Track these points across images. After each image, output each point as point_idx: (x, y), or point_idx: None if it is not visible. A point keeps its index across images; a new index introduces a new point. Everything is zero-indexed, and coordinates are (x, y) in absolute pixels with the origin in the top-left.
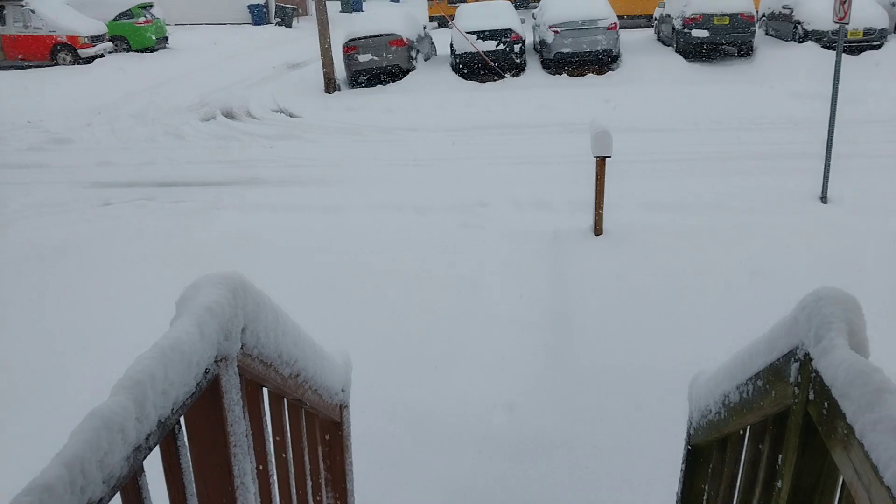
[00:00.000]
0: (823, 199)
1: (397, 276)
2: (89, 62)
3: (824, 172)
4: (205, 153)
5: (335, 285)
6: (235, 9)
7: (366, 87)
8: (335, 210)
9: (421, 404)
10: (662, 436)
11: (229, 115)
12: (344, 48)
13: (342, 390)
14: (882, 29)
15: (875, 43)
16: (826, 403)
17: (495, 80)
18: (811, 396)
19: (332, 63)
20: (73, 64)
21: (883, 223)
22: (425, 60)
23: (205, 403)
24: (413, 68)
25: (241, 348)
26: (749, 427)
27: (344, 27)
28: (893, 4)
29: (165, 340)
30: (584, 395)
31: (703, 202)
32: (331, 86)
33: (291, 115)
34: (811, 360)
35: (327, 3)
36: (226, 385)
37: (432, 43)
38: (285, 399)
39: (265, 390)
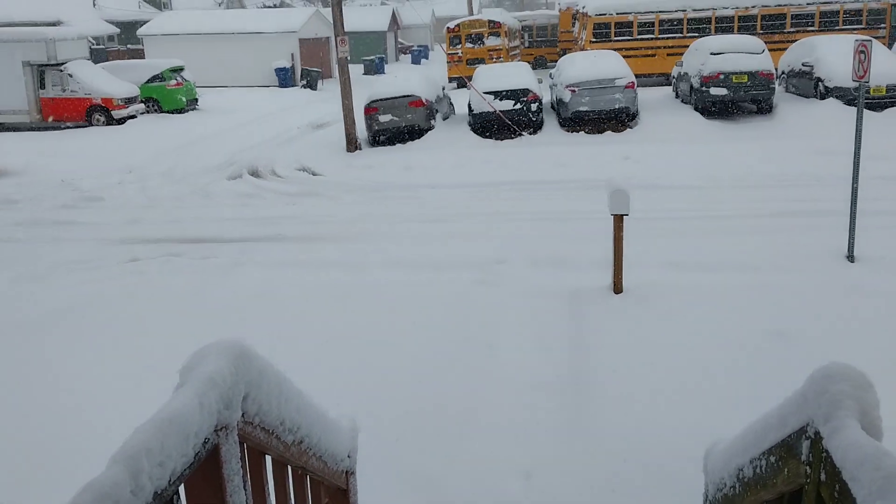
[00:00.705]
0: (850, 257)
1: (413, 334)
2: (122, 123)
3: (850, 230)
4: (230, 211)
5: (350, 343)
6: (263, 72)
7: (386, 146)
8: (354, 267)
9: (434, 470)
10: None
11: (255, 173)
12: (365, 109)
13: (348, 456)
14: None
15: None
16: (837, 486)
17: (513, 139)
18: (823, 477)
19: (354, 123)
20: (107, 124)
21: None
22: (444, 120)
23: (204, 473)
24: (432, 127)
25: (242, 416)
26: None
27: (366, 89)
28: None
29: (164, 412)
30: (603, 462)
31: (725, 261)
32: (352, 145)
33: (314, 174)
34: (821, 438)
35: (350, 66)
36: (226, 454)
37: (451, 103)
38: (289, 467)
39: (268, 458)
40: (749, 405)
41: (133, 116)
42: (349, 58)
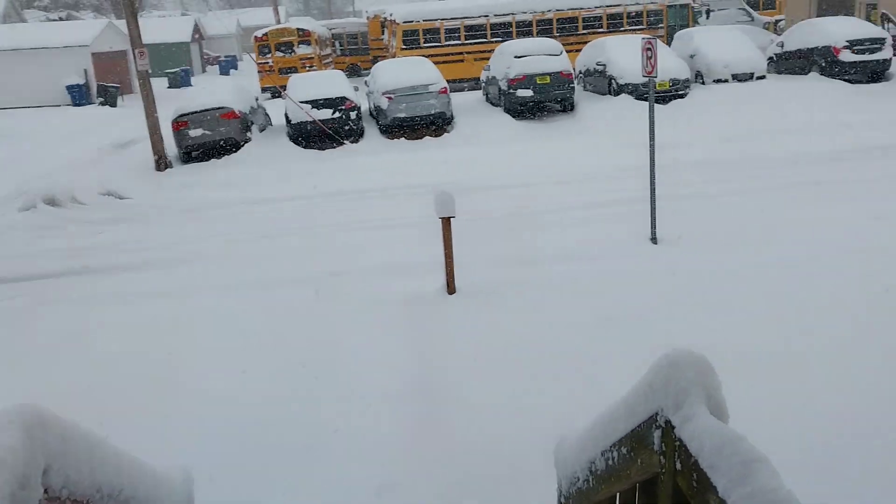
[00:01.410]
0: (653, 239)
1: (249, 359)
2: None
3: (651, 215)
4: (25, 246)
5: (176, 380)
6: (53, 90)
7: (200, 161)
8: (174, 295)
9: (285, 496)
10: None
11: (52, 202)
12: (173, 124)
13: None
14: (685, 79)
15: (681, 92)
16: (695, 475)
17: (335, 148)
18: (678, 466)
19: (162, 140)
20: None
21: (705, 256)
22: (261, 132)
23: None
24: (248, 140)
25: (45, 493)
26: (618, 495)
27: (173, 103)
28: (692, 56)
29: None
30: (456, 466)
31: (545, 254)
32: (162, 163)
33: (121, 197)
34: (673, 427)
35: (153, 79)
36: None
37: (266, 114)
38: None
39: None
40: (590, 392)
41: None
42: (150, 71)
